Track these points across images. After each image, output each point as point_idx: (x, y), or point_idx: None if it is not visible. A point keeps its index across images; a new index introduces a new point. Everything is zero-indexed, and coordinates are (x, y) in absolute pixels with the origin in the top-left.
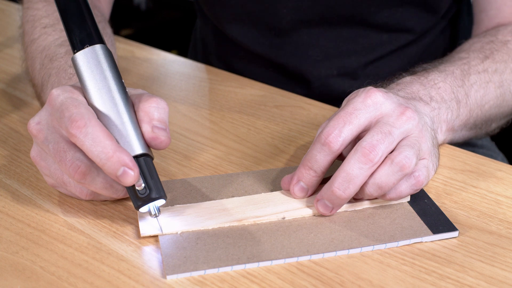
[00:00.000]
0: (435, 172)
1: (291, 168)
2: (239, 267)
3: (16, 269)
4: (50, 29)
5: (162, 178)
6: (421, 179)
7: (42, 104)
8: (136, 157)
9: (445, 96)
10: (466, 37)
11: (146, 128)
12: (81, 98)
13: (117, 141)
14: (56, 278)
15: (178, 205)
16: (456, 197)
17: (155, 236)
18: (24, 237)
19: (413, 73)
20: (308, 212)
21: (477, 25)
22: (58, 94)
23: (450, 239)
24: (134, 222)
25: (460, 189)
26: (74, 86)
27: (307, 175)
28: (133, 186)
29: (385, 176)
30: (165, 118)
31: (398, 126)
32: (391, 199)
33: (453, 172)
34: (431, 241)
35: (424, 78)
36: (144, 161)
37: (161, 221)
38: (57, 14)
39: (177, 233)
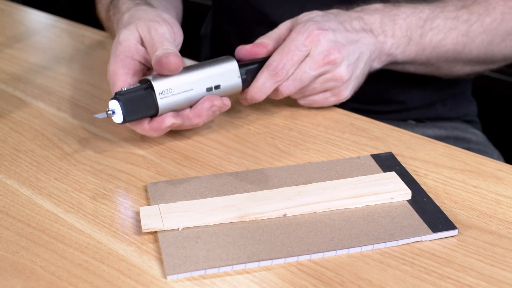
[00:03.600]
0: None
1: (290, 167)
2: (239, 267)
3: (16, 269)
4: None
5: (162, 178)
6: (340, 74)
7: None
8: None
9: (397, 33)
10: None
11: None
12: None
13: None
14: (56, 278)
15: (180, 202)
16: (456, 197)
17: (156, 235)
18: (24, 237)
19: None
20: (309, 209)
21: None
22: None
23: (450, 239)
24: (134, 222)
25: (460, 189)
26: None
27: (259, 98)
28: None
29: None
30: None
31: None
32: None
33: (453, 172)
34: (431, 241)
35: (388, 11)
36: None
37: (163, 217)
38: None
39: (178, 229)
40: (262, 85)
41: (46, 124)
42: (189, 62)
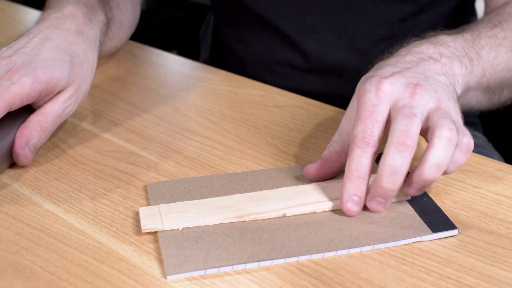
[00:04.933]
0: None
1: (290, 168)
2: (239, 267)
3: (16, 269)
4: None
5: (162, 178)
6: (470, 142)
7: None
8: None
9: (456, 53)
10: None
11: None
12: None
13: None
14: (56, 278)
15: (179, 202)
16: (456, 197)
17: (156, 235)
18: (24, 237)
19: (422, 37)
20: (309, 209)
21: (488, 6)
22: None
23: (450, 239)
24: (134, 222)
25: (460, 189)
26: None
27: (359, 185)
28: None
29: (440, 154)
30: None
31: (415, 105)
32: (451, 172)
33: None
34: (431, 241)
35: (433, 39)
36: None
37: (162, 217)
38: None
39: (178, 229)
40: (358, 162)
41: None
42: (189, 62)
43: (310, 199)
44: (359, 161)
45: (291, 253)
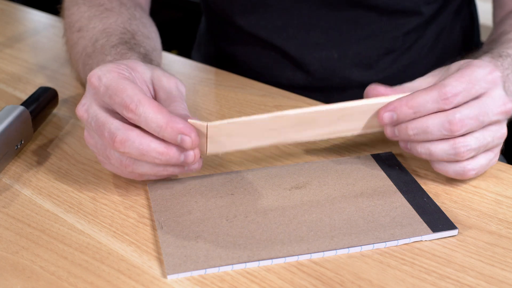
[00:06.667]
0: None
1: (290, 166)
2: (239, 266)
3: (16, 269)
4: (84, 32)
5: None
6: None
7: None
8: None
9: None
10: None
11: None
12: (122, 75)
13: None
14: (56, 278)
15: (228, 120)
16: (456, 197)
17: (155, 236)
18: (24, 237)
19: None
20: (349, 133)
21: (500, 8)
22: (100, 76)
23: (450, 239)
24: (134, 222)
25: (460, 189)
26: (114, 64)
27: (406, 113)
28: None
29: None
30: None
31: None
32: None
33: None
34: (431, 241)
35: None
36: None
37: (208, 140)
38: (88, 14)
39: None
40: (422, 104)
41: (46, 124)
42: (189, 62)
43: (351, 126)
44: (425, 103)
45: (291, 252)
